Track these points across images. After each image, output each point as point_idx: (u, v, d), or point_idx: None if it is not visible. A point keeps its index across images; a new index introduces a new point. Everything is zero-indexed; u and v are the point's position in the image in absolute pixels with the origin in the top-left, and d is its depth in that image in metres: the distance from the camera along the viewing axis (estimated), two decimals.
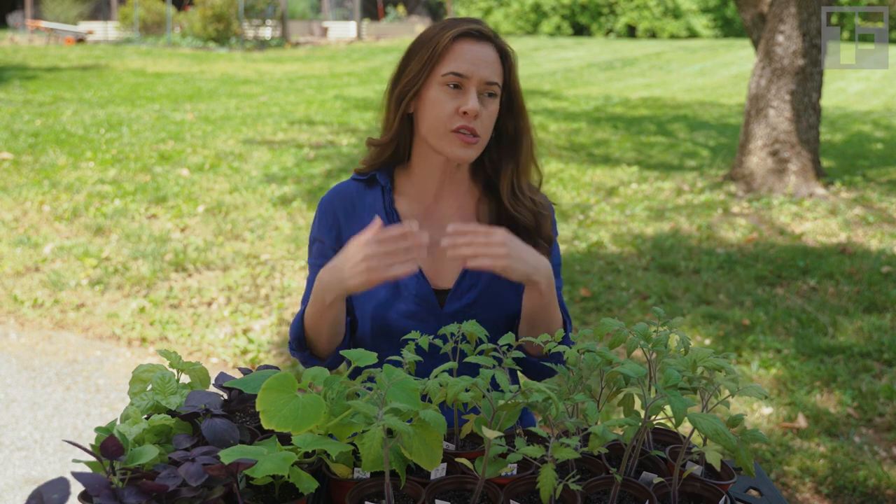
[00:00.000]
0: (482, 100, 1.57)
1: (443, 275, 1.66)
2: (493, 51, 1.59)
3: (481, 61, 1.56)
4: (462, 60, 1.55)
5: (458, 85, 1.56)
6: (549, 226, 1.69)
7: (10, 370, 4.02)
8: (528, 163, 1.67)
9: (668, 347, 1.29)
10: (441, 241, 1.46)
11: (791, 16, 6.94)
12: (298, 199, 6.91)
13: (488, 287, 1.65)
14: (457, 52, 1.56)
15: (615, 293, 4.89)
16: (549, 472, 1.09)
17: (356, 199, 1.70)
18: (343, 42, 27.50)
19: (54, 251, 5.53)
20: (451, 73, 1.55)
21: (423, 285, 1.64)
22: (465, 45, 1.57)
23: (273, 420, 1.11)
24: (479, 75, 1.55)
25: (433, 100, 1.57)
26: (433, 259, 1.67)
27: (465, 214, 1.69)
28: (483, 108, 1.56)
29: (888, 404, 3.58)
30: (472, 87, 1.55)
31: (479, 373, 1.21)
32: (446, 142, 1.57)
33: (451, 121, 1.56)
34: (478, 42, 1.57)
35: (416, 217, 1.68)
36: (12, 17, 27.86)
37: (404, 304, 1.63)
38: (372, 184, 1.71)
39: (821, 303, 4.76)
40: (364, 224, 1.67)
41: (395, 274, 1.41)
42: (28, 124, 10.30)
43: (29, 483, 3.12)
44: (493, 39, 1.60)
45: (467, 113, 1.54)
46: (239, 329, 4.40)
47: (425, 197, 1.69)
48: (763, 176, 7.25)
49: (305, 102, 13.18)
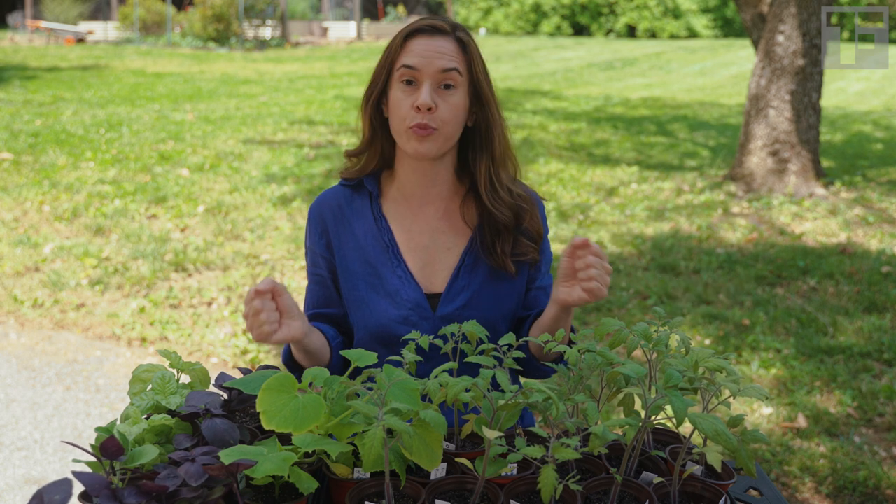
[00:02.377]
0: (439, 92, 1.55)
1: (434, 278, 1.65)
2: (451, 42, 1.57)
3: (433, 53, 1.54)
4: (412, 54, 1.55)
5: (412, 80, 1.55)
6: (531, 219, 1.66)
7: (10, 370, 4.02)
8: (504, 155, 1.65)
9: (668, 347, 1.29)
10: (576, 263, 1.46)
11: (791, 16, 6.94)
12: (298, 198, 6.91)
13: (481, 289, 1.64)
14: (409, 48, 1.56)
15: (615, 293, 4.89)
16: (549, 472, 1.09)
17: (344, 206, 1.69)
18: (343, 42, 27.51)
19: (54, 251, 5.53)
20: (403, 67, 1.55)
21: (415, 290, 1.63)
22: (417, 40, 1.56)
23: (273, 420, 1.11)
24: (431, 67, 1.54)
25: (393, 100, 1.57)
26: (424, 263, 1.66)
27: (451, 216, 1.68)
28: (441, 100, 1.54)
29: (888, 404, 3.58)
30: (426, 80, 1.54)
31: (480, 373, 1.21)
32: (405, 139, 1.57)
33: (408, 118, 1.55)
34: (430, 36, 1.56)
35: (405, 221, 1.67)
36: (12, 17, 27.86)
37: (397, 310, 1.62)
38: (359, 189, 1.70)
39: (821, 303, 4.76)
40: (353, 231, 1.66)
41: (275, 339, 1.41)
42: (28, 124, 10.30)
43: (29, 483, 3.12)
44: (451, 32, 1.58)
45: (419, 108, 1.52)
46: (239, 329, 4.40)
47: (411, 200, 1.68)
48: (763, 176, 7.25)
49: (305, 102, 13.18)
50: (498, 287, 1.65)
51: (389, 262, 1.64)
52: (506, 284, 1.66)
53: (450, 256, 1.66)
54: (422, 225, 1.67)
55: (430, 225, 1.67)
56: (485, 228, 1.65)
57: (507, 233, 1.63)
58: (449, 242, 1.67)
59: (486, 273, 1.65)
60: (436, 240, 1.66)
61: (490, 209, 1.62)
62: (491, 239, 1.64)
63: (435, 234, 1.67)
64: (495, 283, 1.65)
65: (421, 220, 1.67)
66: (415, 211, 1.67)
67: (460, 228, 1.67)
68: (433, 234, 1.67)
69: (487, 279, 1.64)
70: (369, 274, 1.64)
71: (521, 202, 1.65)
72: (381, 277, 1.63)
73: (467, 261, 1.65)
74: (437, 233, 1.67)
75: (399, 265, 1.64)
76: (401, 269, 1.64)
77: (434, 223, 1.67)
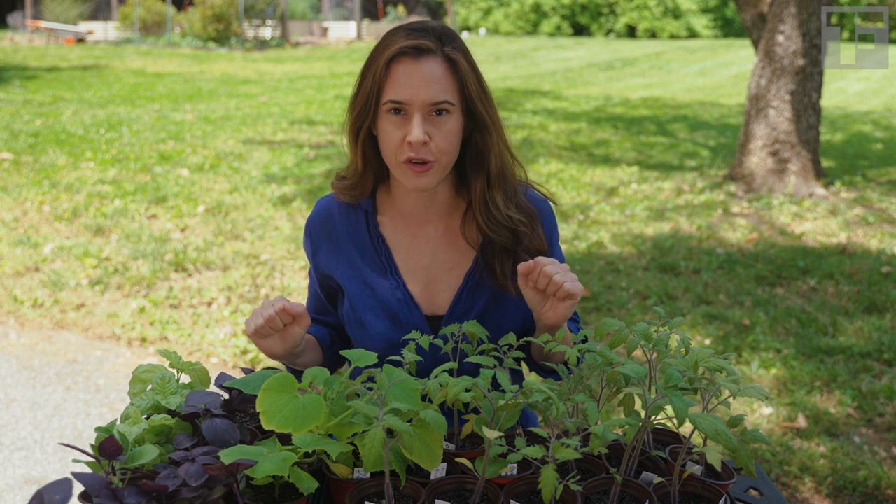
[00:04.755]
0: (432, 121, 1.44)
1: (436, 300, 1.59)
2: (439, 63, 1.44)
3: (421, 83, 1.42)
4: (399, 86, 1.43)
5: (401, 110, 1.44)
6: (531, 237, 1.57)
7: (10, 370, 4.02)
8: (500, 176, 1.54)
9: (668, 347, 1.29)
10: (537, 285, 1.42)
11: (791, 16, 6.94)
12: (298, 198, 6.91)
13: (484, 311, 1.58)
14: (394, 78, 1.43)
15: (615, 293, 4.89)
16: (550, 472, 1.09)
17: (339, 224, 1.62)
18: (343, 42, 27.50)
19: (54, 251, 5.53)
20: (389, 102, 1.44)
21: (415, 313, 1.57)
22: (402, 68, 1.43)
23: (273, 420, 1.11)
24: (419, 99, 1.42)
25: (382, 130, 1.47)
26: (425, 284, 1.59)
27: (452, 234, 1.60)
28: (435, 130, 1.44)
29: (888, 404, 3.58)
30: (416, 113, 1.43)
31: (480, 373, 1.21)
32: (400, 173, 1.48)
33: (400, 152, 1.45)
34: (416, 60, 1.43)
35: (403, 240, 1.60)
36: (12, 18, 27.86)
37: (396, 334, 1.56)
38: (354, 206, 1.61)
39: (821, 303, 4.76)
40: (348, 252, 1.60)
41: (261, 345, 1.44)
42: (28, 124, 10.30)
43: (29, 483, 3.12)
44: (438, 50, 1.45)
45: (412, 144, 1.43)
46: (239, 329, 4.40)
47: (409, 220, 1.60)
48: (763, 176, 7.25)
49: (305, 102, 13.17)
50: (502, 308, 1.59)
51: (388, 283, 1.57)
52: (511, 305, 1.59)
53: (452, 276, 1.59)
54: (422, 244, 1.60)
55: (431, 244, 1.60)
56: (486, 248, 1.57)
57: (505, 255, 1.55)
58: (450, 262, 1.60)
59: (490, 294, 1.58)
60: (437, 259, 1.60)
61: (485, 231, 1.54)
62: (490, 259, 1.56)
63: (436, 254, 1.60)
64: (500, 304, 1.58)
65: (421, 240, 1.60)
66: (413, 230, 1.60)
67: (462, 247, 1.60)
68: (434, 254, 1.60)
69: (492, 300, 1.58)
70: (367, 296, 1.58)
71: (520, 224, 1.55)
72: (379, 300, 1.57)
73: (470, 282, 1.58)
74: (438, 252, 1.60)
75: (398, 287, 1.57)
76: (400, 291, 1.57)
77: (434, 242, 1.60)
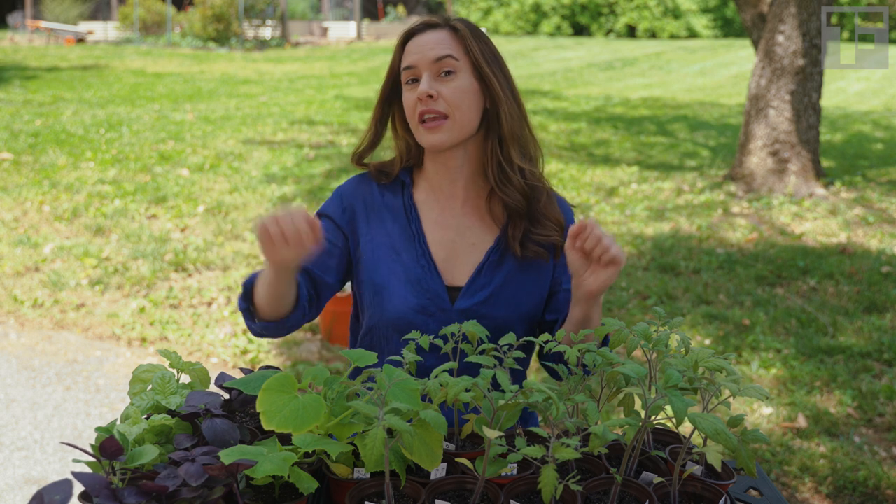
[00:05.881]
0: (440, 80, 1.57)
1: (456, 272, 1.66)
2: (444, 32, 1.60)
3: (426, 46, 1.58)
4: (409, 54, 1.60)
5: (415, 78, 1.59)
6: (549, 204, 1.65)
7: (10, 370, 4.02)
8: (513, 133, 1.61)
9: (668, 347, 1.29)
10: (585, 245, 1.45)
11: (791, 16, 6.94)
12: (298, 199, 6.91)
13: (502, 287, 1.64)
14: (406, 51, 1.61)
15: (615, 293, 4.89)
16: (550, 472, 1.09)
17: (376, 195, 1.71)
18: (343, 42, 27.50)
19: (54, 251, 5.53)
20: (404, 69, 1.60)
21: (436, 281, 1.63)
22: (413, 41, 1.61)
23: (273, 421, 1.11)
24: (426, 59, 1.57)
25: (404, 102, 1.62)
26: (447, 255, 1.66)
27: (478, 212, 1.69)
28: (442, 86, 1.57)
29: (888, 404, 3.58)
30: (424, 73, 1.57)
31: (480, 373, 1.21)
32: (419, 134, 1.60)
33: (416, 113, 1.58)
34: (422, 33, 1.61)
35: (432, 213, 1.68)
36: (12, 17, 27.85)
37: (416, 298, 1.62)
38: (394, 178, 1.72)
39: (821, 303, 4.76)
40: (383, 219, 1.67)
41: (286, 256, 1.38)
42: (28, 124, 10.30)
43: (29, 483, 3.12)
44: (443, 24, 1.62)
45: (420, 98, 1.56)
46: (239, 329, 4.40)
47: (439, 194, 1.69)
48: (763, 176, 7.25)
49: (305, 102, 13.17)
50: (520, 287, 1.65)
51: (414, 250, 1.65)
52: (529, 284, 1.65)
53: (474, 252, 1.66)
54: (448, 218, 1.68)
55: (457, 219, 1.68)
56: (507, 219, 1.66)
57: (518, 218, 1.63)
58: (474, 238, 1.67)
59: (508, 271, 1.64)
60: (462, 234, 1.67)
61: (497, 192, 1.62)
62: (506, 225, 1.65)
63: (461, 229, 1.67)
64: (517, 282, 1.64)
65: (448, 214, 1.68)
66: (442, 204, 1.69)
67: (488, 225, 1.68)
68: (459, 229, 1.67)
69: (510, 278, 1.64)
70: (393, 261, 1.65)
71: (535, 181, 1.63)
72: (404, 265, 1.64)
73: (492, 258, 1.65)
74: (464, 228, 1.67)
75: (423, 254, 1.64)
76: (424, 258, 1.64)
77: (460, 218, 1.68)
